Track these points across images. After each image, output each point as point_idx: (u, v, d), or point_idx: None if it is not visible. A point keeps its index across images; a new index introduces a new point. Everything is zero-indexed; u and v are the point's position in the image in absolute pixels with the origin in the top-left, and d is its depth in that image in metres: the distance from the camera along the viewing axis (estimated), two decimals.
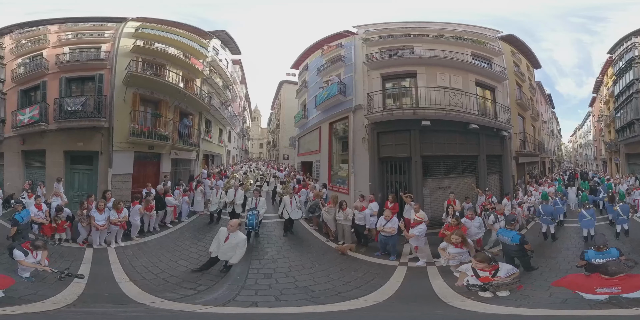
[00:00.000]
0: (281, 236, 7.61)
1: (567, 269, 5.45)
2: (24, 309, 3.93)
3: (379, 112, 8.62)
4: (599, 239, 4.88)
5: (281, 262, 5.99)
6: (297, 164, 13.58)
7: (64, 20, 9.36)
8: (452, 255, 5.35)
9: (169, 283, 5.01)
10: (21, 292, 4.37)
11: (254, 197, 7.78)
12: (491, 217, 6.89)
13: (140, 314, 4.16)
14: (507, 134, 9.72)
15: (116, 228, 6.59)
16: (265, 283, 5.11)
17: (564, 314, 3.91)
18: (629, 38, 10.67)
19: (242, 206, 8.08)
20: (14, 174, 9.11)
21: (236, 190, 8.19)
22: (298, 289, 4.91)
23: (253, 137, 19.65)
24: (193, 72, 10.31)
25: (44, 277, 4.89)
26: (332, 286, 5.01)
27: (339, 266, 5.87)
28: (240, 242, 5.31)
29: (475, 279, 4.54)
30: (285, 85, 14.85)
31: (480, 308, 4.18)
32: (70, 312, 4.05)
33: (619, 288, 3.94)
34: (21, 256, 4.74)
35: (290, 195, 7.93)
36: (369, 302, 4.50)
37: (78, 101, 8.57)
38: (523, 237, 5.32)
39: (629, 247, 6.45)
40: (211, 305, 4.29)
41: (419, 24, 9.69)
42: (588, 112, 14.62)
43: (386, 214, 6.33)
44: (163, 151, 9.59)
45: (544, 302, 4.22)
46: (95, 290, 4.64)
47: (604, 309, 3.90)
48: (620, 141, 11.00)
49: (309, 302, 4.46)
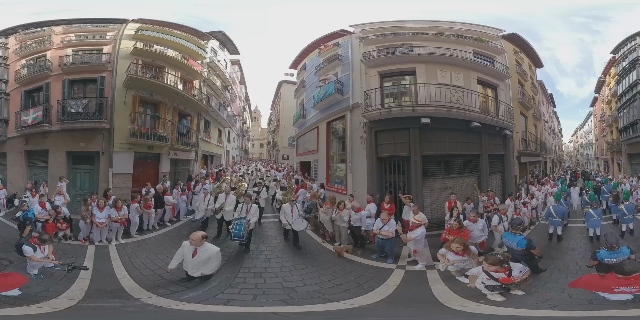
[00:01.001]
0: (276, 236, 7.51)
1: (576, 269, 5.33)
2: (44, 308, 4.04)
3: (377, 110, 8.47)
4: (610, 238, 4.75)
5: (274, 262, 5.96)
6: (295, 164, 13.55)
7: (67, 21, 9.53)
8: (451, 262, 5.09)
9: (163, 279, 5.08)
10: (34, 289, 4.49)
11: (244, 203, 6.89)
12: (495, 217, 6.67)
13: (136, 309, 4.23)
14: (510, 132, 9.55)
15: (117, 225, 6.78)
16: (252, 282, 5.09)
17: (591, 314, 3.85)
18: (633, 38, 10.46)
19: (233, 214, 7.16)
20: (17, 174, 9.30)
21: (227, 195, 7.44)
22: (282, 289, 4.86)
23: (253, 138, 19.72)
24: (191, 74, 10.41)
25: (51, 274, 5.02)
26: (319, 288, 4.91)
27: (332, 268, 5.76)
28: (213, 255, 4.85)
29: (493, 280, 4.36)
30: (285, 85, 14.87)
31: (494, 311, 4.01)
32: (88, 308, 4.18)
33: (636, 287, 3.87)
34: (30, 251, 4.87)
35: (292, 203, 7.05)
36: (349, 305, 4.36)
37: (80, 103, 8.75)
38: (530, 242, 5.08)
39: (634, 246, 6.18)
40: (190, 302, 4.33)
41: (418, 23, 9.59)
42: (589, 112, 14.37)
43: (383, 217, 6.08)
44: (162, 151, 9.72)
45: (566, 302, 4.14)
46: (99, 286, 4.76)
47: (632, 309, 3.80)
48: (623, 141, 10.76)
49: (281, 303, 4.40)
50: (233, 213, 7.00)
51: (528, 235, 7.19)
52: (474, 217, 6.25)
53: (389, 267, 5.73)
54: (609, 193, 8.95)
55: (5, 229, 7.18)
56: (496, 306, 4.12)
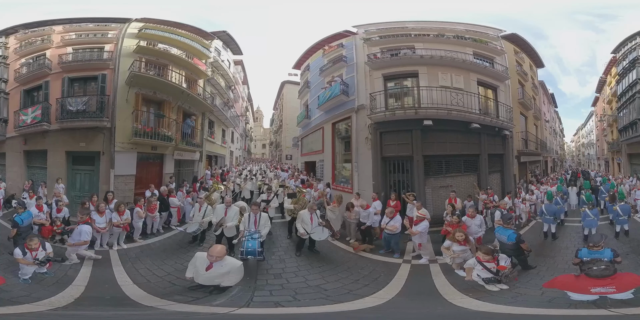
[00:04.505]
0: (285, 235, 7.46)
1: (564, 268, 5.40)
2: (4, 310, 3.80)
3: (382, 112, 8.67)
4: (593, 237, 4.89)
5: (289, 262, 5.95)
6: (300, 164, 13.58)
7: (69, 20, 9.39)
8: (457, 254, 5.41)
9: (176, 286, 4.85)
10: (14, 294, 4.28)
11: (252, 213, 5.90)
12: (497, 212, 6.91)
13: (153, 317, 4.08)
14: (509, 133, 9.75)
15: (119, 230, 6.48)
16: (276, 283, 5.04)
17: (551, 313, 3.93)
18: (634, 38, 10.64)
19: (236, 228, 6.09)
20: (16, 174, 9.12)
21: (228, 208, 6.23)
22: (311, 288, 4.90)
23: (255, 138, 19.64)
24: (196, 73, 10.34)
25: (41, 280, 4.79)
26: (341, 284, 5.03)
27: (346, 264, 5.89)
28: (234, 269, 4.33)
29: (485, 271, 4.70)
30: (287, 85, 14.87)
31: (473, 305, 4.25)
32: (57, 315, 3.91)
33: (613, 287, 3.94)
34: (19, 254, 4.74)
35: (311, 210, 6.22)
36: (381, 300, 4.54)
37: (80, 101, 8.54)
38: (519, 236, 5.33)
39: (628, 247, 6.41)
40: (235, 307, 4.17)
41: (419, 24, 9.72)
42: (591, 112, 14.62)
43: (388, 212, 6.38)
44: (166, 152, 9.57)
45: (535, 300, 4.26)
46: (96, 293, 4.51)
47: (591, 309, 3.92)
48: (623, 141, 10.99)
49: (325, 301, 4.45)
50: (236, 228, 6.08)
51: (525, 233, 7.47)
52: (472, 213, 6.45)
53: (396, 261, 5.99)
54: (607, 193, 9.13)
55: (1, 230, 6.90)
56: (480, 301, 4.34)
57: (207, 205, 6.80)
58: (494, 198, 8.26)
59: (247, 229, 5.74)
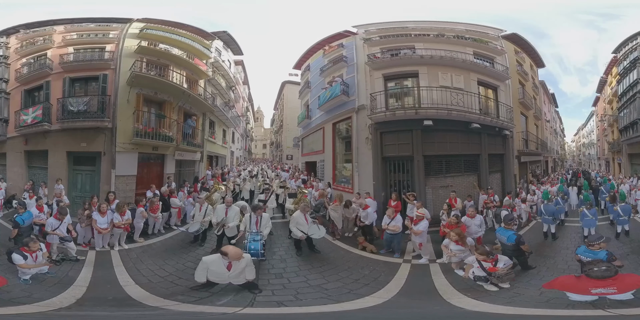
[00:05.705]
0: (284, 234, 7.45)
1: (564, 268, 5.43)
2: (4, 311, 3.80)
3: (382, 113, 8.69)
4: (592, 236, 4.91)
5: (290, 262, 5.98)
6: (300, 164, 13.60)
7: (70, 20, 9.38)
8: (454, 253, 5.51)
9: (178, 286, 4.88)
10: (14, 294, 4.27)
11: (254, 214, 5.93)
12: (503, 212, 6.91)
13: (160, 318, 4.09)
14: (509, 133, 9.76)
15: (120, 231, 6.49)
16: (278, 283, 5.08)
17: (548, 313, 3.94)
18: (635, 38, 10.64)
19: (236, 228, 6.15)
20: (17, 175, 9.13)
21: (228, 208, 6.28)
22: (312, 287, 4.93)
23: (256, 138, 19.68)
24: (196, 73, 10.35)
25: (42, 280, 4.78)
26: (342, 284, 5.07)
27: (347, 264, 5.93)
28: (248, 261, 4.55)
29: (480, 270, 4.81)
30: (288, 85, 14.88)
31: (472, 305, 4.29)
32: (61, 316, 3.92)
33: (614, 288, 3.93)
34: (20, 260, 4.69)
35: (303, 211, 6.23)
36: (381, 299, 4.58)
37: (81, 101, 8.56)
38: (519, 237, 5.34)
39: (629, 248, 6.42)
40: (240, 307, 4.22)
41: (419, 24, 9.72)
42: (591, 112, 14.59)
43: (389, 213, 6.39)
44: (167, 152, 9.57)
45: (533, 301, 4.28)
46: (97, 294, 4.52)
47: (588, 310, 3.94)
48: (623, 141, 10.99)
49: (326, 301, 4.49)
50: (237, 227, 6.10)
51: (526, 233, 7.48)
52: (472, 213, 6.46)
53: (396, 261, 6.05)
54: (607, 193, 9.14)
55: (1, 231, 6.96)
56: (478, 300, 4.38)
57: (208, 205, 6.85)
58: (495, 198, 8.26)
59: (248, 230, 5.80)
